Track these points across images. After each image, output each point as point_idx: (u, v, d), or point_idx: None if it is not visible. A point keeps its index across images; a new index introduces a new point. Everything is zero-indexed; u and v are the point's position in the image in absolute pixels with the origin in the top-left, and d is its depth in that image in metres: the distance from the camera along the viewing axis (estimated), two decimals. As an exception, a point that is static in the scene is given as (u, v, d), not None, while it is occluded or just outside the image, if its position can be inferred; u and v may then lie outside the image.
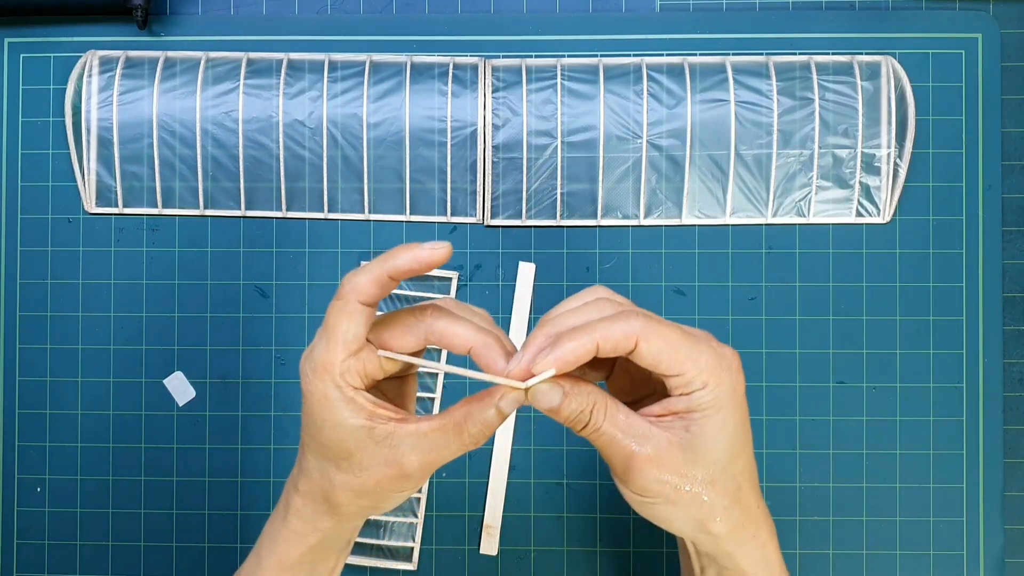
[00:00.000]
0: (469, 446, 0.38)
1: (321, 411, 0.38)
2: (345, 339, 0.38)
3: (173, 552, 0.57)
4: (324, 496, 0.40)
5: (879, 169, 0.57)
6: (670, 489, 0.37)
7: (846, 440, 0.57)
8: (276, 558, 0.41)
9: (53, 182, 0.58)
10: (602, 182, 0.57)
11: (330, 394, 0.38)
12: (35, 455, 0.58)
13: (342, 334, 0.38)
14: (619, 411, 0.38)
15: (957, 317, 0.57)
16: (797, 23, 0.58)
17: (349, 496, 0.39)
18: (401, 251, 0.38)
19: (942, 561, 0.57)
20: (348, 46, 0.58)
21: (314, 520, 0.40)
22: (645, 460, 0.37)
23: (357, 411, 0.38)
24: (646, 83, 0.57)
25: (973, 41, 0.57)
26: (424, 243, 0.38)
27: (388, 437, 0.38)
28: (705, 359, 0.37)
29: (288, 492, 0.42)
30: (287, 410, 0.58)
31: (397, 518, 0.57)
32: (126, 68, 0.57)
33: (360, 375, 0.38)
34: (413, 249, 0.38)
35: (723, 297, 0.57)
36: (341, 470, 0.39)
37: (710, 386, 0.37)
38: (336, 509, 0.40)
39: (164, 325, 0.58)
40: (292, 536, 0.41)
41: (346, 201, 0.57)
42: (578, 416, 0.37)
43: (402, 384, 0.42)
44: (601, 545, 0.57)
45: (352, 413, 0.38)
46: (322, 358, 0.38)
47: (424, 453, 0.38)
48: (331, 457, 0.39)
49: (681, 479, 0.37)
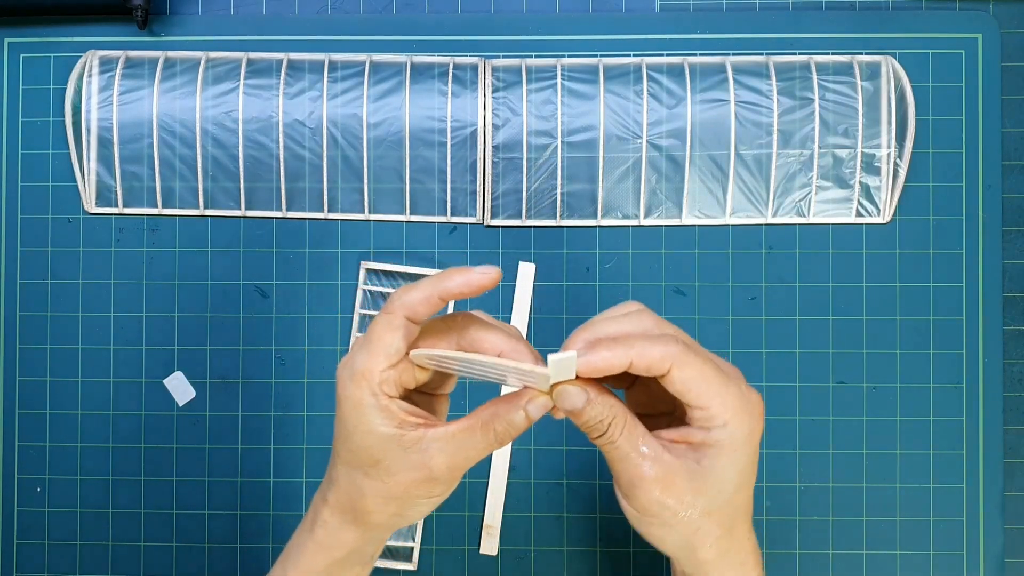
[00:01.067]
0: (495, 445, 0.39)
1: (353, 416, 0.39)
2: (387, 351, 0.39)
3: (173, 552, 0.58)
4: (352, 505, 0.40)
5: (879, 169, 0.57)
6: (669, 514, 0.38)
7: (846, 440, 0.57)
8: (301, 569, 0.42)
9: (53, 182, 0.58)
10: (602, 182, 0.57)
11: (364, 400, 0.38)
12: (35, 455, 0.58)
13: (385, 347, 0.39)
14: (636, 429, 0.38)
15: (957, 317, 0.57)
16: (797, 23, 0.58)
17: (377, 503, 0.40)
18: (454, 273, 0.39)
19: (942, 561, 0.57)
20: (348, 46, 0.58)
21: (341, 531, 0.41)
22: (652, 482, 0.37)
23: (388, 419, 0.39)
24: (646, 83, 0.57)
25: (973, 41, 0.57)
26: (476, 267, 0.39)
27: (417, 442, 0.39)
28: (732, 399, 0.37)
29: (316, 504, 0.42)
30: (287, 410, 0.58)
31: (397, 518, 0.57)
32: (126, 68, 0.57)
33: (396, 384, 0.39)
34: (465, 273, 0.38)
35: (723, 297, 0.57)
36: (369, 477, 0.39)
37: (731, 426, 0.37)
38: (364, 518, 0.40)
39: (164, 325, 0.58)
40: (318, 548, 0.42)
41: (346, 201, 0.57)
42: (596, 424, 0.38)
43: (432, 401, 0.43)
44: (601, 545, 0.57)
45: (383, 420, 0.39)
46: (362, 366, 0.39)
47: (451, 455, 0.38)
48: (360, 464, 0.39)
49: (681, 505, 0.38)
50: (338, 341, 0.57)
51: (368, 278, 0.58)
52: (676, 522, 0.38)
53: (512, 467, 0.57)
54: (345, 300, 0.58)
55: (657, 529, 0.39)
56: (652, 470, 0.37)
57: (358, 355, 0.39)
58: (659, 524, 0.39)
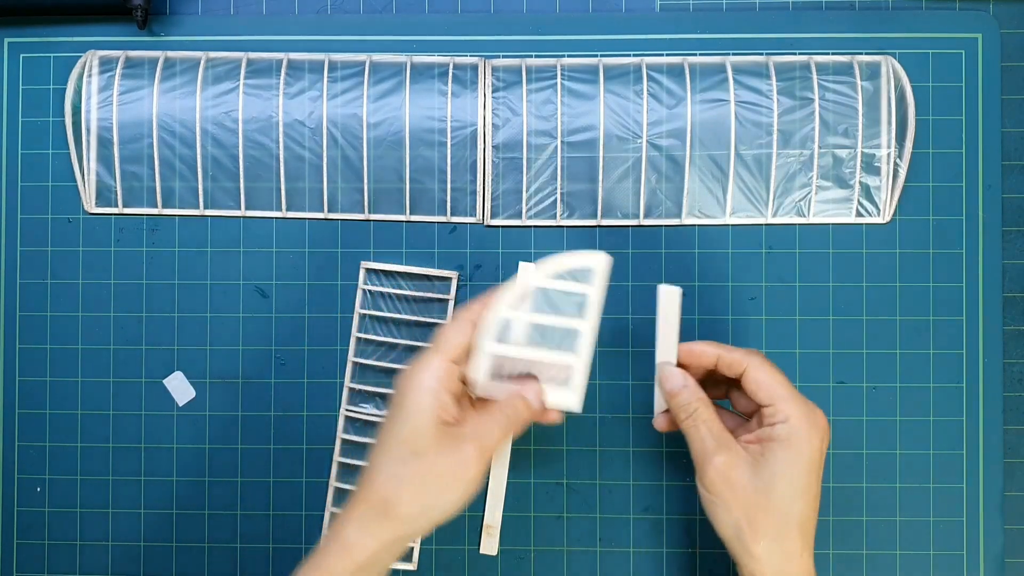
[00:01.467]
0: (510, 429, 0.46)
1: (416, 399, 0.44)
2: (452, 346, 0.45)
3: (173, 552, 0.57)
4: (384, 497, 0.43)
5: (879, 169, 0.57)
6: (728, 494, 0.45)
7: (846, 440, 0.57)
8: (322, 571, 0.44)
9: (53, 182, 0.58)
10: (602, 182, 0.57)
11: (431, 386, 0.44)
12: (35, 455, 0.58)
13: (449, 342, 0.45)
14: (716, 419, 0.47)
15: (957, 317, 0.57)
16: (797, 23, 0.58)
17: (412, 491, 0.43)
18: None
19: (942, 561, 0.57)
20: (348, 46, 0.58)
21: (370, 525, 0.43)
22: (717, 462, 0.45)
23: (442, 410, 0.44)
24: (646, 83, 0.57)
25: (973, 41, 0.57)
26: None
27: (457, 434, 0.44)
28: (796, 404, 0.45)
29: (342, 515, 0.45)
30: (287, 410, 0.58)
31: (397, 518, 0.57)
32: (126, 68, 0.57)
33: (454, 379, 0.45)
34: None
35: (723, 297, 0.57)
36: (408, 465, 0.43)
37: (792, 423, 0.45)
38: (394, 510, 0.43)
39: (164, 325, 0.58)
40: (341, 550, 0.44)
41: (346, 201, 0.57)
42: (685, 406, 0.47)
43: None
44: (601, 545, 0.57)
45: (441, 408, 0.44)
46: (430, 356, 0.45)
47: (481, 437, 0.44)
48: (405, 453, 0.44)
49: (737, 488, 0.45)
50: (338, 341, 0.57)
51: (368, 278, 0.58)
52: (733, 504, 0.45)
53: (512, 467, 0.57)
54: (345, 300, 0.58)
55: (717, 508, 0.45)
56: (719, 452, 0.45)
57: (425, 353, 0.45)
58: (719, 504, 0.45)
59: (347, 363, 0.57)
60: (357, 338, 0.57)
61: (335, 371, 0.57)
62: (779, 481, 0.44)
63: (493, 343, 0.47)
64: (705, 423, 0.46)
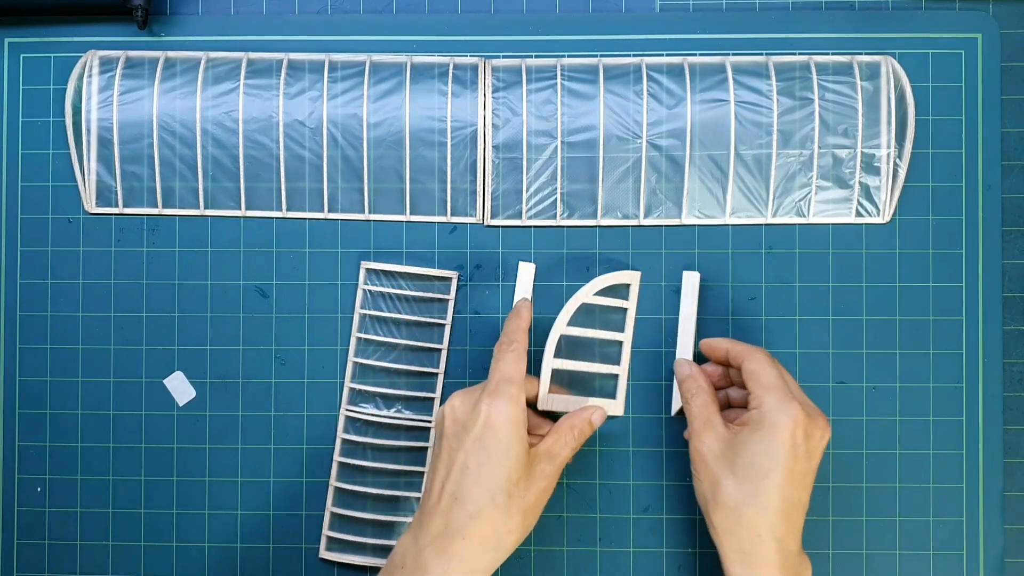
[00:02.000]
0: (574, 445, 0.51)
1: (509, 433, 0.48)
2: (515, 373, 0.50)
3: (173, 552, 0.58)
4: (495, 532, 0.47)
5: (879, 169, 0.57)
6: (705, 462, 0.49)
7: (846, 440, 0.57)
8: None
9: (53, 182, 0.58)
10: (602, 182, 0.57)
11: (516, 416, 0.48)
12: (35, 455, 0.58)
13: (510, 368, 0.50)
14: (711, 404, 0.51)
15: (957, 317, 0.57)
16: (797, 23, 0.58)
17: (518, 519, 0.47)
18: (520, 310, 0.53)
19: (942, 561, 0.57)
20: (348, 46, 0.58)
21: (478, 559, 0.47)
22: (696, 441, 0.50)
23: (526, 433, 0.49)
24: (646, 83, 0.57)
25: (973, 41, 0.57)
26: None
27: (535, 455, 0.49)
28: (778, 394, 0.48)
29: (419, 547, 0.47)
30: (287, 410, 0.58)
31: (399, 518, 0.57)
32: (126, 68, 0.57)
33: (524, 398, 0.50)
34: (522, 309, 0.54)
35: (723, 297, 0.57)
36: (513, 497, 0.47)
37: (762, 408, 0.48)
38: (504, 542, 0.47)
39: (164, 325, 0.58)
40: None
41: (346, 201, 0.57)
42: (686, 391, 0.52)
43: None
44: (601, 545, 0.57)
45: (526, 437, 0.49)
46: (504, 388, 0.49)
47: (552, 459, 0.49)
48: (507, 485, 0.47)
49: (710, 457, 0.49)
50: (338, 341, 0.57)
51: (368, 278, 0.58)
52: (704, 476, 0.49)
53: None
54: (345, 300, 0.58)
55: (695, 482, 0.50)
56: (704, 431, 0.50)
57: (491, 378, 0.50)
58: (696, 477, 0.50)
59: (347, 363, 0.57)
60: (357, 338, 0.57)
61: (335, 371, 0.57)
62: (741, 459, 0.48)
63: (553, 359, 0.54)
64: (699, 406, 0.51)
